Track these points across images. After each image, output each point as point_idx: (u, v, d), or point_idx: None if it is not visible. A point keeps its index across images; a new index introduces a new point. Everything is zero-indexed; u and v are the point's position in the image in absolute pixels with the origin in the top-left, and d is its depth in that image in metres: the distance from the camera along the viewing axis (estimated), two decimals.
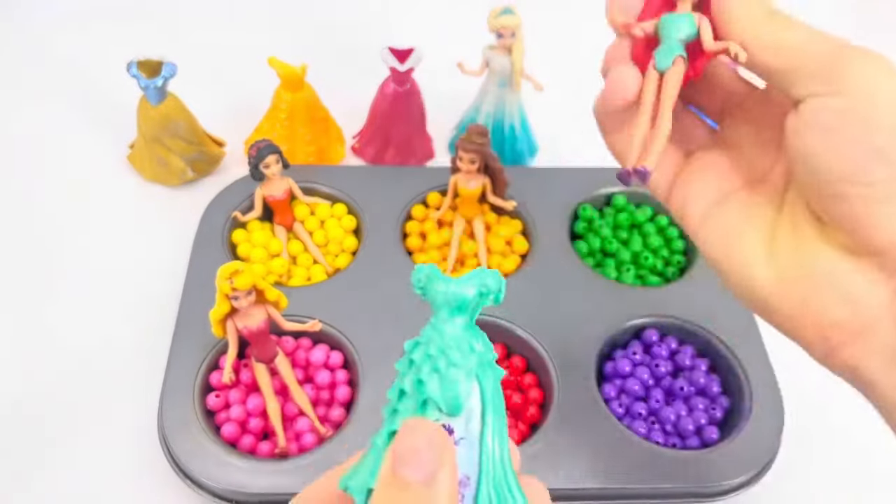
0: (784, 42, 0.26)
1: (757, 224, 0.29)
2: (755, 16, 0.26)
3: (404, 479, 0.18)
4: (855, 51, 0.25)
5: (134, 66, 0.55)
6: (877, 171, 0.24)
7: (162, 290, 0.53)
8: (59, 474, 0.46)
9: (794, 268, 0.27)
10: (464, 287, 0.21)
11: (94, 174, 0.63)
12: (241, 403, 0.46)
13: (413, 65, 0.57)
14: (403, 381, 0.21)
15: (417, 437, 0.19)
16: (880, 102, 0.24)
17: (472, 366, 0.21)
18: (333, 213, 0.57)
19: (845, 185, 0.24)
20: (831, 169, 0.25)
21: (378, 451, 0.21)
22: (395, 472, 0.19)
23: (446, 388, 0.20)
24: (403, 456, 0.19)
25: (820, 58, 0.25)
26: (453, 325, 0.21)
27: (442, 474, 0.19)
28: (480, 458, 0.21)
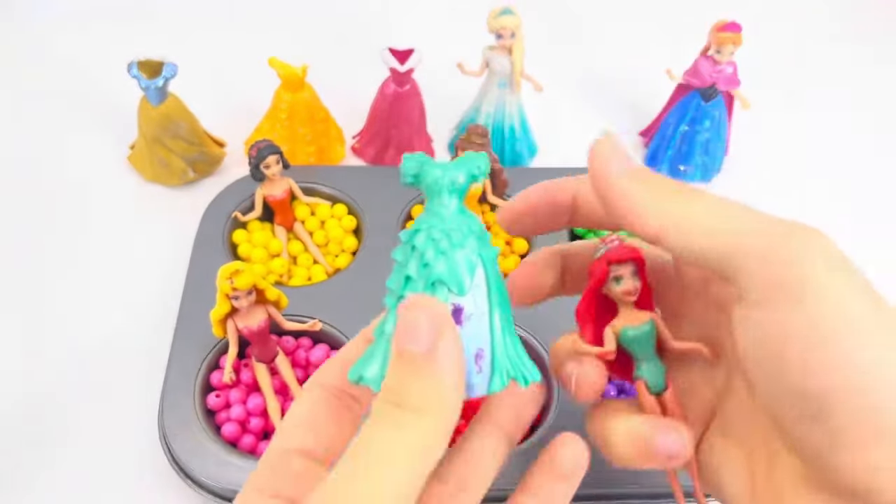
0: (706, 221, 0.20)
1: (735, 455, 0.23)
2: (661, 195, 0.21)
3: (408, 353, 0.19)
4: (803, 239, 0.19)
5: (134, 67, 0.55)
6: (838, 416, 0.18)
7: (162, 290, 0.54)
8: (60, 474, 0.46)
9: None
10: (459, 171, 0.22)
11: (95, 174, 0.63)
12: (242, 403, 0.46)
13: (413, 65, 0.57)
14: (408, 268, 0.22)
15: (416, 311, 0.19)
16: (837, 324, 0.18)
17: (473, 244, 0.22)
18: (334, 213, 0.57)
19: (802, 423, 0.19)
20: (784, 402, 0.19)
21: (388, 339, 0.21)
22: (398, 349, 0.19)
23: (453, 268, 0.21)
24: (404, 331, 0.19)
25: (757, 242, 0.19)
26: (450, 209, 0.22)
27: (443, 344, 0.19)
28: (491, 332, 0.21)
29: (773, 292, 0.19)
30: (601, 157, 0.21)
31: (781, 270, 0.18)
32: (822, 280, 0.18)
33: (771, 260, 0.19)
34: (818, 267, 0.18)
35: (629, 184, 0.21)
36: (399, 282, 0.22)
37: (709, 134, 0.63)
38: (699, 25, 0.62)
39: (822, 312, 0.18)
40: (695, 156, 0.64)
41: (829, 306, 0.18)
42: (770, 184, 0.65)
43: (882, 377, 0.18)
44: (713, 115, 0.62)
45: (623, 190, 0.21)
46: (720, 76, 0.59)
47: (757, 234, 0.19)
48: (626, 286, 0.25)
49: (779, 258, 0.19)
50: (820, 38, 0.83)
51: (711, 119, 0.62)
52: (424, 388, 0.19)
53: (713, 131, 0.63)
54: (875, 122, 0.73)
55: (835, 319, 0.18)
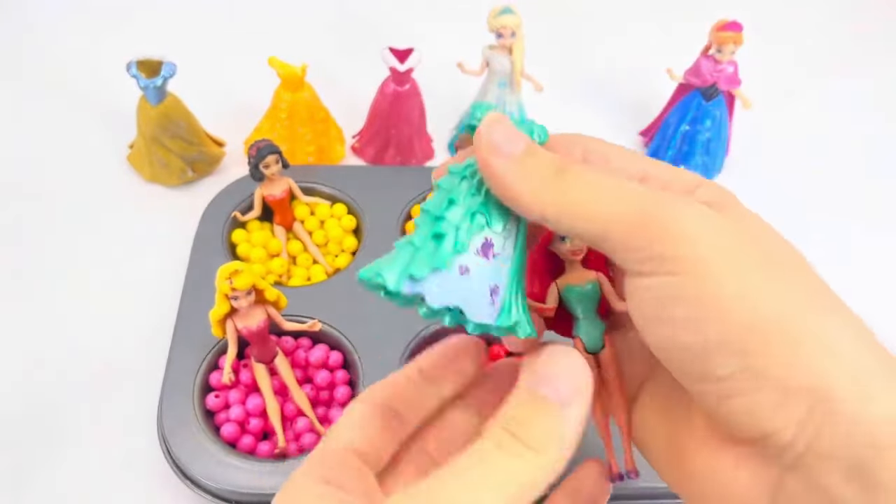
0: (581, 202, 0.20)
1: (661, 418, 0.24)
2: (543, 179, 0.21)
3: (543, 398, 0.20)
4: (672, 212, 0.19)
5: (134, 66, 0.55)
6: (721, 367, 0.19)
7: (162, 290, 0.53)
8: (59, 474, 0.45)
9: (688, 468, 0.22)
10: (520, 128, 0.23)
11: (94, 174, 0.63)
12: (241, 403, 0.46)
13: (413, 65, 0.57)
14: (455, 192, 0.22)
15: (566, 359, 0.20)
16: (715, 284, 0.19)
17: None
18: (333, 212, 0.57)
19: (696, 382, 0.20)
20: (676, 364, 0.20)
21: (414, 250, 0.21)
22: (534, 390, 0.20)
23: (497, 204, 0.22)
24: (546, 377, 0.20)
25: (629, 220, 0.20)
26: None
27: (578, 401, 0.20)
28: (509, 279, 0.22)
29: (646, 265, 0.20)
30: (485, 141, 0.21)
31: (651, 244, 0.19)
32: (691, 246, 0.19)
33: (640, 235, 0.20)
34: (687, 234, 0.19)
35: (512, 171, 0.21)
36: (441, 204, 0.22)
37: (710, 133, 0.63)
38: (700, 25, 0.62)
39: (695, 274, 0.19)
40: (696, 155, 0.64)
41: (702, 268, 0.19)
42: (771, 183, 0.65)
43: (753, 322, 0.19)
44: (714, 114, 0.62)
45: (506, 178, 0.21)
46: (721, 75, 0.59)
47: (626, 212, 0.20)
48: (572, 245, 0.25)
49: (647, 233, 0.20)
50: (821, 37, 0.83)
51: (712, 119, 0.62)
52: (549, 433, 0.20)
53: (714, 131, 0.62)
54: (877, 122, 0.73)
55: (707, 278, 0.19)
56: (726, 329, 0.19)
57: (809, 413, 0.18)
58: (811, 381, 0.18)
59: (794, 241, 0.21)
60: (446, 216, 0.21)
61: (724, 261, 0.19)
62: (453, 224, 0.21)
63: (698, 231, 0.19)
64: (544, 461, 0.19)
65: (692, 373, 0.20)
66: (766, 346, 0.19)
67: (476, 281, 0.21)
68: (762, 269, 0.19)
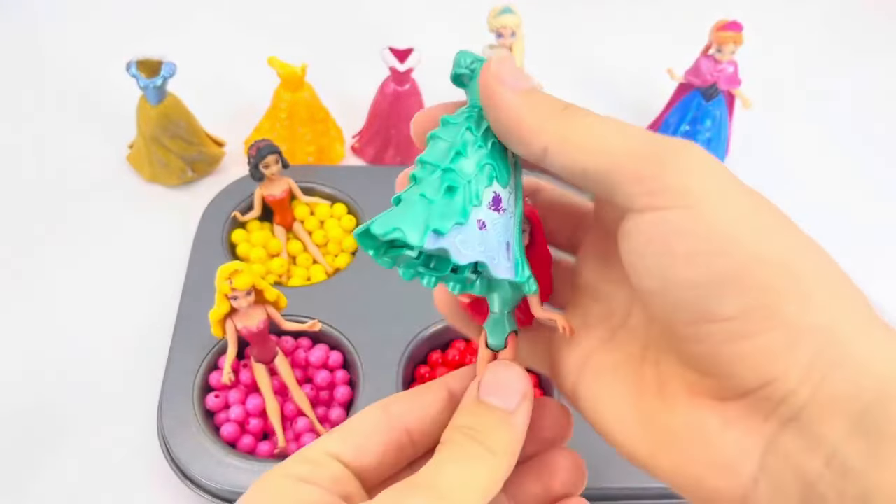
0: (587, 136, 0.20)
1: (621, 384, 0.23)
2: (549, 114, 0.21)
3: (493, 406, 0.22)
4: (683, 147, 0.19)
5: (133, 66, 0.55)
6: (729, 304, 0.18)
7: (161, 290, 0.53)
8: (59, 474, 0.45)
9: (662, 432, 0.21)
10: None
11: (94, 174, 0.63)
12: (241, 404, 0.46)
13: (413, 65, 0.57)
14: (460, 143, 0.21)
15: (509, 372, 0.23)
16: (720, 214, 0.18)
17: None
18: (333, 212, 0.57)
19: (697, 324, 0.19)
20: (676, 306, 0.19)
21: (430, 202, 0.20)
22: (485, 399, 0.22)
23: (505, 159, 0.22)
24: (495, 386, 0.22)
25: (638, 152, 0.19)
26: None
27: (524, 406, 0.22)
28: (516, 234, 0.22)
29: (655, 197, 0.19)
30: (494, 73, 0.21)
31: (661, 176, 0.19)
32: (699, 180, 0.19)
33: (650, 167, 0.19)
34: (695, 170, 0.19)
35: (518, 102, 0.21)
36: (446, 155, 0.21)
37: (710, 133, 0.62)
38: (701, 24, 0.62)
39: (705, 207, 0.19)
40: None
41: (711, 202, 0.19)
42: (771, 183, 0.65)
43: (764, 257, 0.18)
44: (714, 114, 0.61)
45: (512, 109, 0.21)
46: (721, 75, 0.59)
47: (634, 146, 0.20)
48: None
49: (657, 166, 0.19)
50: (822, 37, 0.83)
51: (712, 118, 0.62)
52: (503, 436, 0.22)
53: (714, 131, 0.62)
54: (877, 121, 0.73)
55: (717, 211, 0.19)
56: (739, 264, 0.18)
57: (817, 356, 0.17)
58: (822, 321, 0.18)
59: None
60: (456, 168, 0.20)
61: (734, 198, 0.19)
62: (466, 176, 0.20)
63: (707, 167, 0.19)
64: (502, 462, 0.21)
65: (693, 312, 0.19)
66: (780, 283, 0.18)
67: (492, 236, 0.21)
68: (768, 211, 0.19)
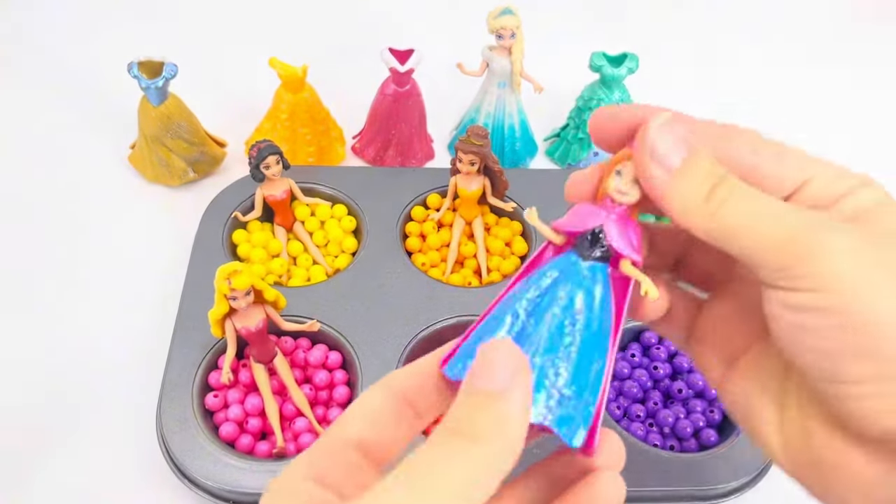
0: (730, 225, 0.22)
1: (768, 392, 0.25)
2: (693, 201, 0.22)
3: (480, 389, 0.20)
4: (818, 235, 0.21)
5: (135, 67, 0.55)
6: (860, 370, 0.21)
7: (162, 290, 0.54)
8: (58, 473, 0.46)
9: (804, 452, 0.24)
10: None
11: (96, 175, 0.63)
12: (240, 403, 0.46)
13: (413, 65, 0.57)
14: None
15: (494, 352, 0.20)
16: (853, 298, 0.20)
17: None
18: (333, 213, 0.57)
19: (825, 383, 0.22)
20: (810, 367, 0.22)
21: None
22: (469, 386, 0.20)
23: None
24: (479, 370, 0.20)
25: (776, 244, 0.21)
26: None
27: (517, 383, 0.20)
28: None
29: (796, 281, 0.21)
30: (649, 147, 0.22)
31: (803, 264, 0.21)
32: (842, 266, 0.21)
33: (793, 256, 0.21)
34: (837, 256, 0.21)
35: (667, 183, 0.22)
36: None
37: None
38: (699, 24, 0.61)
39: (846, 292, 0.21)
40: None
41: (853, 287, 0.21)
42: None
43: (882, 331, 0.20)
44: None
45: (658, 189, 0.22)
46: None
47: (779, 234, 0.21)
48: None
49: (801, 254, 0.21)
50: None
51: None
52: (491, 421, 0.19)
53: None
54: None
55: (858, 295, 0.20)
56: (861, 338, 0.20)
57: None
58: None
59: None
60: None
61: (861, 279, 0.21)
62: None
63: (839, 253, 0.21)
64: (490, 450, 0.19)
65: (824, 372, 0.21)
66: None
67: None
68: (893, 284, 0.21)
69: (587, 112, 0.62)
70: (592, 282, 0.23)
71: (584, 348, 0.22)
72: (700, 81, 0.75)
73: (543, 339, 0.22)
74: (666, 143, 0.22)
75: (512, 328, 0.23)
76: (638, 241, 0.23)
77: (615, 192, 0.23)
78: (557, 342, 0.22)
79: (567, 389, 0.22)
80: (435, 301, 0.51)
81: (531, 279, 0.24)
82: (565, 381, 0.22)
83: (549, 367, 0.22)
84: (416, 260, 0.55)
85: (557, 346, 0.22)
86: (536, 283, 0.23)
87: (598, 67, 0.59)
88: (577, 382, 0.22)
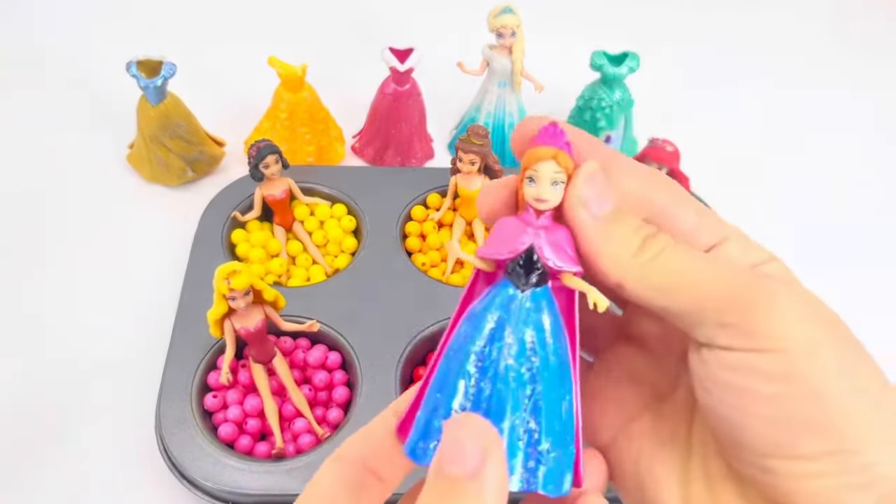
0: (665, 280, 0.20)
1: (667, 464, 0.23)
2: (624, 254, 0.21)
3: (449, 473, 0.18)
4: (765, 291, 0.19)
5: (133, 66, 0.55)
6: (807, 445, 0.19)
7: (161, 290, 0.53)
8: (57, 474, 0.45)
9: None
10: None
11: (94, 174, 0.63)
12: (239, 404, 0.46)
13: (413, 64, 0.57)
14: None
15: (461, 430, 0.18)
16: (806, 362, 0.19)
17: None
18: (333, 213, 0.57)
19: (765, 458, 0.19)
20: (746, 437, 0.20)
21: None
22: (437, 468, 0.18)
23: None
24: (447, 450, 0.18)
25: (718, 298, 0.20)
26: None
27: (489, 466, 0.18)
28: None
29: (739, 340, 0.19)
30: (577, 194, 0.21)
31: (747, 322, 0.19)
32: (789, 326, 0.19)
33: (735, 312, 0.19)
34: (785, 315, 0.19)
35: (596, 232, 0.21)
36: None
37: None
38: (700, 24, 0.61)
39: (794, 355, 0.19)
40: None
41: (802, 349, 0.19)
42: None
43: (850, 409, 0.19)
44: None
45: (587, 239, 0.21)
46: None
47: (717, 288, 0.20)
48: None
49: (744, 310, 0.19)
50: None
51: None
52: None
53: None
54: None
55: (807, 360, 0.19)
56: (823, 412, 0.19)
57: (883, 500, 0.18)
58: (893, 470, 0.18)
59: None
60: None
61: (814, 344, 0.19)
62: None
63: (789, 313, 0.19)
64: None
65: (764, 446, 0.19)
66: (860, 433, 0.19)
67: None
68: (844, 354, 0.19)
69: (588, 111, 0.61)
70: (538, 312, 0.21)
71: (548, 392, 0.21)
72: (700, 81, 0.75)
73: (505, 398, 0.20)
74: (592, 190, 0.21)
75: (468, 394, 0.21)
76: (572, 247, 0.21)
77: (533, 200, 0.21)
78: (520, 396, 0.20)
79: (543, 444, 0.20)
80: (435, 301, 0.50)
81: (472, 323, 0.21)
82: (539, 435, 0.20)
83: (518, 427, 0.20)
84: (416, 260, 0.55)
85: (521, 400, 0.20)
86: (478, 330, 0.21)
87: (599, 66, 0.59)
88: (551, 433, 0.21)
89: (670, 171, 0.53)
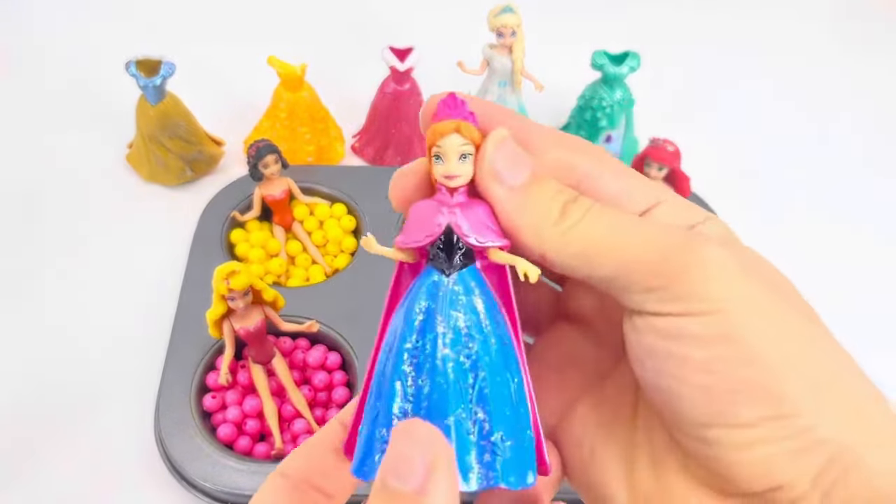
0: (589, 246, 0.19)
1: (612, 445, 0.21)
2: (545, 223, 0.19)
3: (393, 489, 0.17)
4: (696, 252, 0.18)
5: (133, 65, 0.55)
6: (745, 411, 0.18)
7: (160, 290, 0.53)
8: (56, 474, 0.45)
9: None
10: None
11: (93, 174, 0.62)
12: (238, 405, 0.46)
13: (413, 64, 0.57)
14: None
15: (406, 441, 0.17)
16: (742, 324, 0.18)
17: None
18: (333, 213, 0.57)
19: (704, 428, 0.18)
20: (686, 408, 0.18)
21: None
22: (382, 482, 0.17)
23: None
24: (392, 463, 0.17)
25: (646, 262, 0.18)
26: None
27: (435, 481, 0.17)
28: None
29: (670, 304, 0.18)
30: (488, 166, 0.19)
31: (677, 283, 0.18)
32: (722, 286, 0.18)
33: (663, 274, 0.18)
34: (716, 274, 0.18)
35: (513, 204, 0.19)
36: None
37: None
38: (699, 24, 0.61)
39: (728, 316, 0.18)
40: None
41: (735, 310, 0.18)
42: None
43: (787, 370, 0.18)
44: None
45: (505, 212, 0.20)
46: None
47: (644, 251, 0.18)
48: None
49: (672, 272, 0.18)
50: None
51: None
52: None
53: None
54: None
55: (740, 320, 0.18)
56: (760, 375, 0.17)
57: (829, 464, 0.17)
58: (838, 435, 0.17)
59: None
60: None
61: (758, 304, 0.18)
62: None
63: (722, 272, 0.18)
64: None
65: (702, 416, 0.18)
66: (799, 395, 0.18)
67: None
68: (794, 316, 0.18)
69: (589, 111, 0.61)
70: (468, 294, 0.20)
71: (492, 377, 0.19)
72: (700, 81, 0.75)
73: (445, 392, 0.19)
74: (504, 160, 0.20)
75: (406, 395, 0.19)
76: (493, 220, 0.20)
77: (443, 178, 0.20)
78: (463, 387, 0.19)
79: (495, 434, 0.19)
80: None
81: (402, 320, 0.20)
82: (490, 426, 0.19)
83: (466, 420, 0.19)
84: None
85: (465, 392, 0.19)
86: (408, 326, 0.20)
87: (600, 66, 0.59)
88: (502, 421, 0.19)
89: (671, 171, 0.53)
